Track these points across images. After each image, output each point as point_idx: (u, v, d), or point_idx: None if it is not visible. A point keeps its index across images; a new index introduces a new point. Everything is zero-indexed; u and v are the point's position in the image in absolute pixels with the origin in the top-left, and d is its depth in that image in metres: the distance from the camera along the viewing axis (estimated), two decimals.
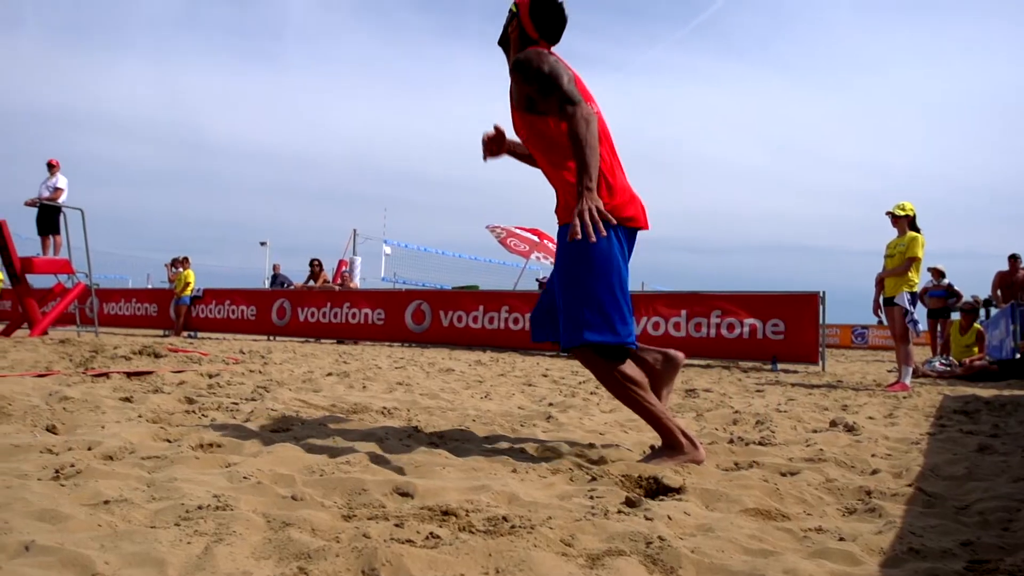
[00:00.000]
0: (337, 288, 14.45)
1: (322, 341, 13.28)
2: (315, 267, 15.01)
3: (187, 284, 15.06)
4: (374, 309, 13.01)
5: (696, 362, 10.02)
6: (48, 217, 11.47)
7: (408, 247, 20.41)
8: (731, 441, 2.88)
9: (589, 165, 2.19)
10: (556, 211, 2.64)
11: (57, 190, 11.46)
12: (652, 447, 2.62)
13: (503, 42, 2.71)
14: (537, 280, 17.14)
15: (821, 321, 9.63)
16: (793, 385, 6.62)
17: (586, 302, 2.38)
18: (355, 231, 18.83)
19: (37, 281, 11.82)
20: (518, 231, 14.32)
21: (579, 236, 2.07)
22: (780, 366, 9.51)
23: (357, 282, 16.63)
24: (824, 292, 9.67)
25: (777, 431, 3.26)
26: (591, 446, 2.66)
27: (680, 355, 2.68)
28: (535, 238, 14.27)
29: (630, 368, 2.43)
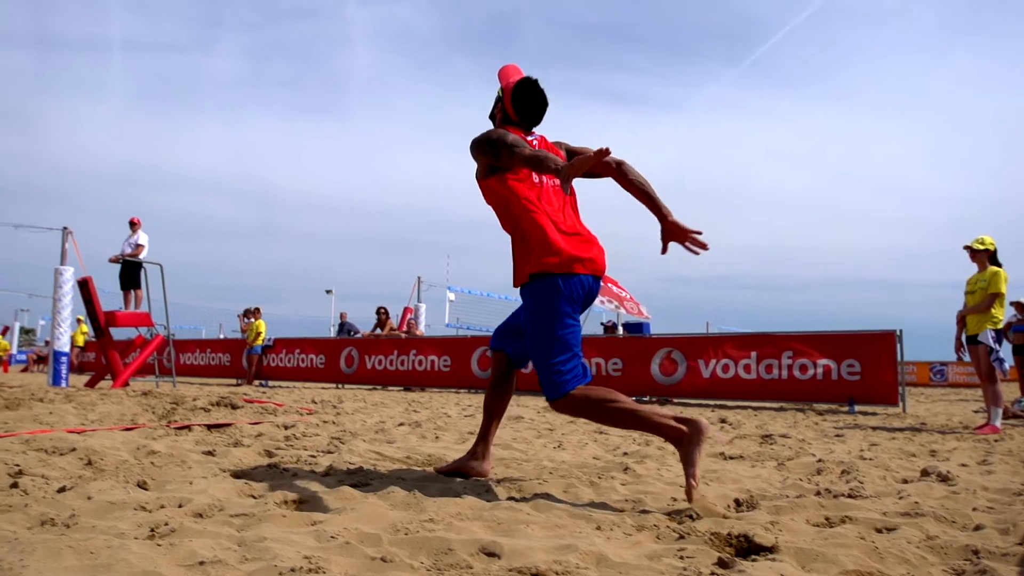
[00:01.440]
0: (403, 336, 14.62)
1: (389, 388, 13.41)
2: (381, 315, 15.24)
3: (259, 334, 15.46)
4: (440, 356, 13.10)
5: (769, 405, 9.76)
6: (130, 272, 11.97)
7: (471, 293, 20.56)
8: (818, 493, 2.78)
9: (548, 159, 2.56)
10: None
11: (138, 247, 11.97)
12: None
13: (492, 118, 3.08)
14: (602, 324, 17.03)
15: (899, 359, 9.30)
16: (874, 428, 6.37)
17: (553, 361, 2.70)
18: (419, 278, 19.10)
19: (119, 333, 12.32)
20: None
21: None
22: (857, 408, 9.19)
23: (422, 329, 16.80)
24: (901, 330, 9.36)
25: (866, 481, 3.13)
26: (674, 500, 2.60)
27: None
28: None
29: (602, 391, 2.75)
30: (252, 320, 15.66)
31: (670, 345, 10.94)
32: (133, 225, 12.30)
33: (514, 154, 2.71)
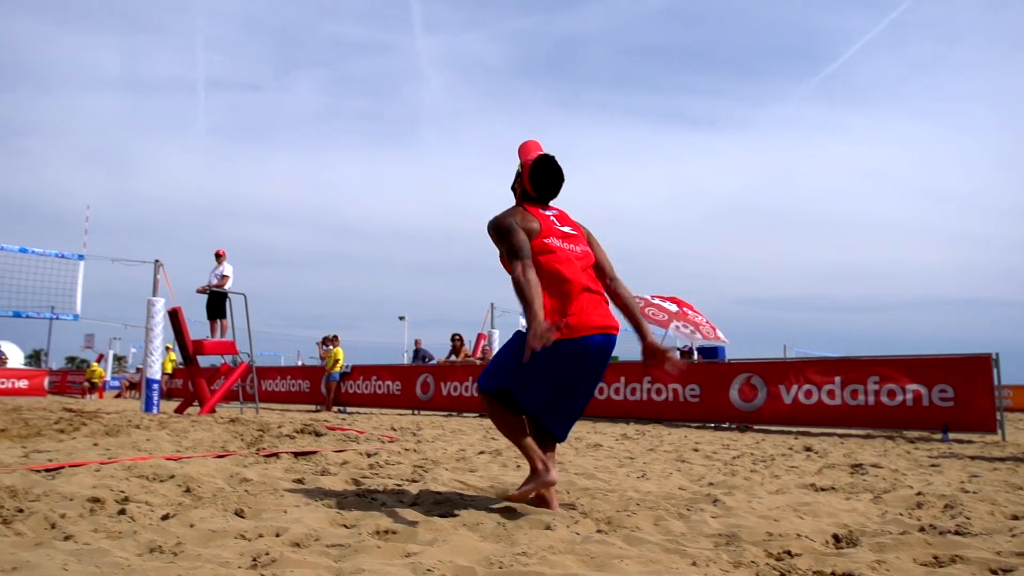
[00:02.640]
0: (478, 362, 14.70)
1: (465, 415, 13.48)
2: (456, 342, 15.38)
3: (337, 361, 15.79)
4: None
5: (855, 432, 9.41)
6: (216, 302, 12.44)
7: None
8: (922, 529, 2.67)
9: (530, 304, 2.78)
10: None
11: (224, 277, 12.43)
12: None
13: (513, 190, 3.36)
14: (678, 349, 16.78)
15: (996, 383, 8.85)
16: (972, 458, 6.07)
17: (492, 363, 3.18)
18: (492, 305, 19.20)
19: (205, 361, 12.78)
20: (656, 300, 14.13)
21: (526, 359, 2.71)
22: (952, 435, 8.77)
23: None
24: (997, 354, 8.92)
25: (973, 517, 2.98)
26: (769, 535, 2.53)
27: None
28: (674, 307, 14.02)
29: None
30: (330, 348, 16.01)
31: (749, 370, 10.69)
32: (218, 257, 12.80)
33: (509, 256, 3.00)
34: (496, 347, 17.83)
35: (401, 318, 31.89)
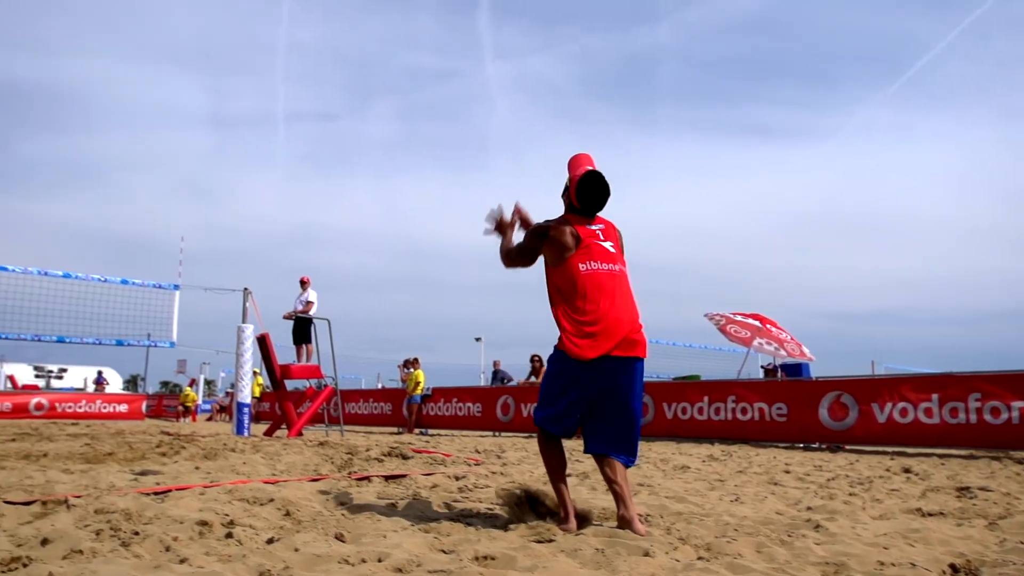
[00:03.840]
0: None
1: None
2: (535, 363, 15.36)
3: (418, 383, 15.99)
4: None
5: (956, 452, 8.96)
6: (301, 328, 12.79)
7: None
8: None
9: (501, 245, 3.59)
10: None
11: (308, 303, 12.79)
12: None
13: (562, 197, 3.49)
14: (762, 367, 16.37)
15: None
16: None
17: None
18: None
19: (291, 384, 13.14)
20: (738, 317, 13.84)
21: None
22: None
23: None
24: None
25: None
26: (881, 565, 2.44)
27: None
28: (757, 323, 13.70)
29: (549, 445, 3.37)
30: (411, 370, 16.25)
31: (839, 388, 10.33)
32: (303, 284, 13.17)
33: (521, 248, 3.48)
34: None
35: (477, 339, 32.04)
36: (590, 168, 3.34)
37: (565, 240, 3.24)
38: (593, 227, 3.31)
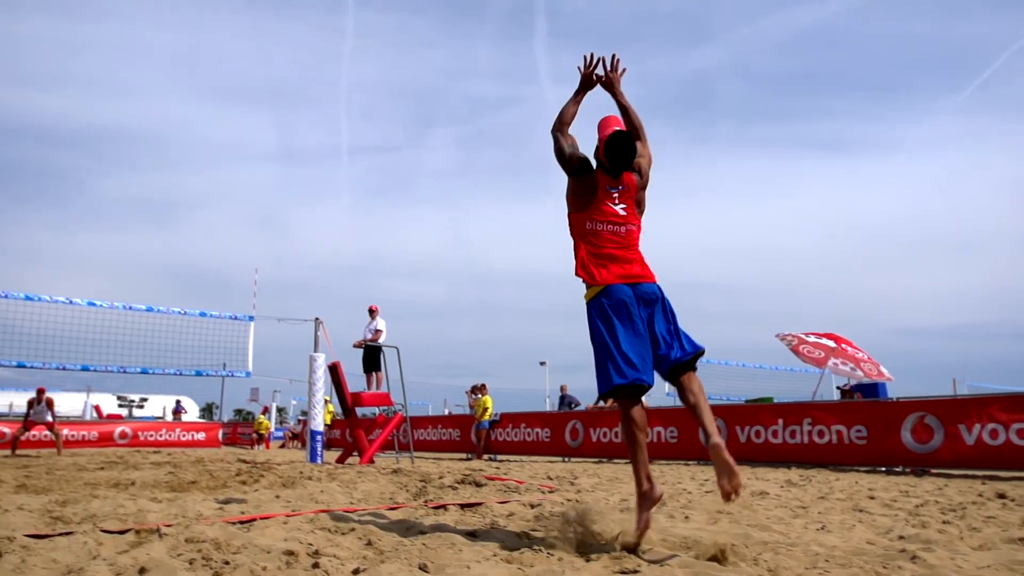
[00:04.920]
0: None
1: (615, 461, 13.29)
2: None
3: (486, 409, 16.04)
4: (666, 427, 12.83)
5: None
6: (371, 356, 13.00)
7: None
8: None
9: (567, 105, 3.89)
10: None
11: (378, 332, 13.00)
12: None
13: (595, 157, 3.73)
14: (839, 388, 15.89)
15: None
16: None
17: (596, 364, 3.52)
18: None
19: (361, 411, 13.34)
20: (811, 338, 13.47)
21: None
22: None
23: (646, 400, 16.57)
24: None
25: None
26: None
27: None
28: (831, 343, 13.32)
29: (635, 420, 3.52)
30: (479, 396, 16.31)
31: (922, 409, 9.94)
32: (372, 312, 13.41)
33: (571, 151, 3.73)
34: None
35: (542, 363, 31.98)
36: (617, 128, 3.65)
37: (586, 192, 3.65)
38: (612, 189, 3.66)
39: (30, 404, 14.93)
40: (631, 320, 3.46)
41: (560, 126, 3.82)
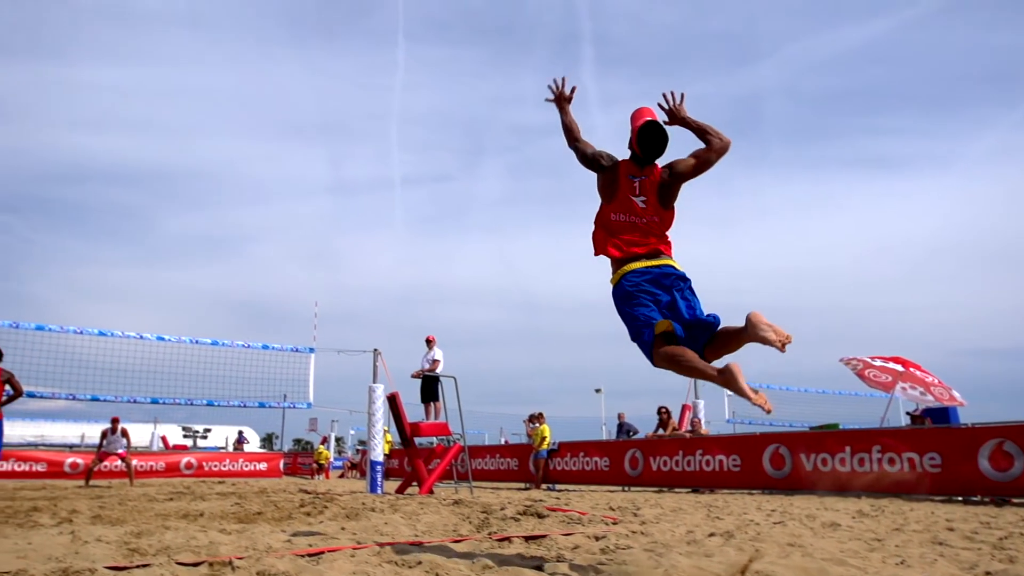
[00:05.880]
0: (687, 435, 14.28)
1: (676, 490, 13.07)
2: (663, 415, 15.07)
3: (544, 438, 15.96)
4: (729, 455, 12.56)
5: None
6: (429, 386, 13.09)
7: (751, 384, 19.63)
8: None
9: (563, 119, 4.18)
10: None
11: (435, 362, 13.09)
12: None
13: (629, 147, 3.93)
14: (908, 413, 15.37)
15: None
16: None
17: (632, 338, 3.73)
18: None
19: (419, 441, 13.40)
20: (877, 362, 13.08)
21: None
22: None
23: (707, 428, 16.30)
24: None
25: None
26: None
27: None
28: (898, 367, 12.90)
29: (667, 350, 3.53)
30: (537, 425, 16.24)
31: (1000, 435, 9.53)
32: (429, 343, 13.52)
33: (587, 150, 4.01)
34: (703, 417, 17.32)
35: (597, 390, 31.76)
36: (649, 119, 3.84)
37: (610, 184, 3.87)
38: (635, 180, 3.84)
39: (104, 435, 15.36)
40: (652, 294, 3.70)
41: (572, 138, 4.07)
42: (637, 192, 3.84)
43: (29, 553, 4.12)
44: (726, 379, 3.30)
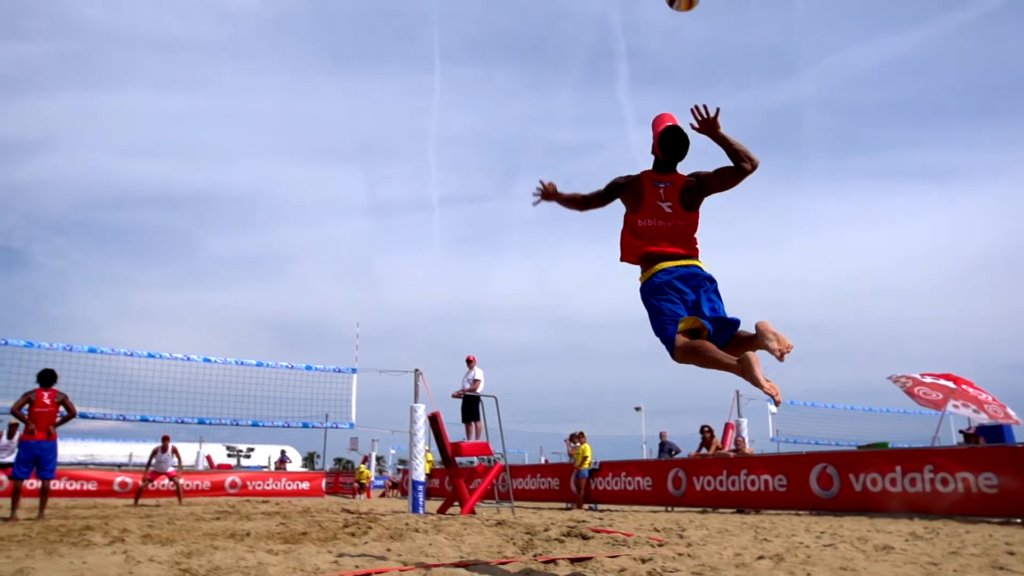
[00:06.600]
0: (731, 455, 14.07)
1: (720, 511, 12.87)
2: (706, 434, 14.89)
3: (585, 458, 15.85)
4: (774, 475, 12.34)
5: None
6: (470, 406, 13.11)
7: (795, 403, 19.36)
8: None
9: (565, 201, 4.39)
10: None
11: (476, 382, 13.11)
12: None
13: (652, 153, 4.11)
14: (961, 432, 14.96)
15: None
16: None
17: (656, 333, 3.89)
18: (738, 392, 18.47)
19: (460, 460, 13.41)
20: (927, 379, 12.77)
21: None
22: None
23: (751, 447, 16.05)
24: None
25: None
26: None
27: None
28: (949, 384, 12.58)
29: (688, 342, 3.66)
30: (578, 444, 16.15)
31: None
32: (469, 363, 13.55)
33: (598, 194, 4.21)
34: (746, 435, 17.08)
35: (637, 409, 31.43)
36: (670, 124, 4.00)
37: (632, 197, 4.03)
38: (660, 185, 3.99)
39: (154, 453, 15.57)
40: (679, 291, 3.86)
41: (582, 203, 4.27)
42: (663, 197, 3.98)
43: (85, 573, 4.21)
44: (743, 367, 3.37)
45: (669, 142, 3.98)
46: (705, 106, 3.93)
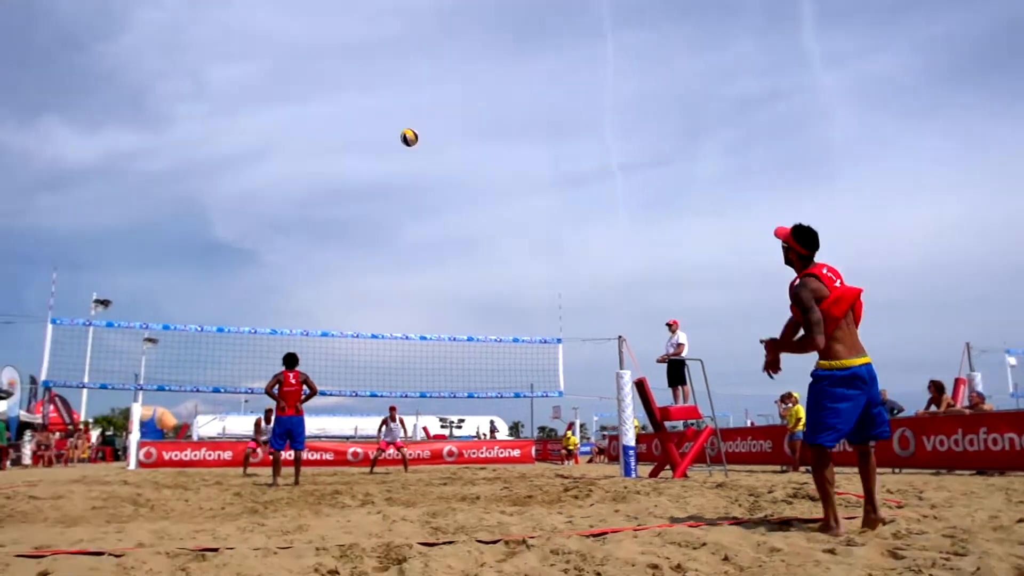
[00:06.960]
0: (967, 411, 12.96)
1: (956, 472, 11.91)
2: (934, 390, 13.79)
3: (799, 419, 15.23)
4: (1021, 434, 11.21)
5: None
6: (675, 370, 13.02)
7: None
8: None
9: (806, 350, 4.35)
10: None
11: (679, 346, 12.99)
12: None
13: (788, 262, 4.49)
14: None
15: None
16: None
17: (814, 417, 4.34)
18: (968, 344, 16.94)
19: (670, 425, 13.38)
20: None
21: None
22: None
23: (989, 403, 14.68)
24: None
25: None
26: None
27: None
28: None
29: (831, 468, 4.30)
30: (790, 405, 15.55)
31: None
32: (671, 327, 13.43)
33: (808, 325, 4.22)
34: (981, 390, 15.66)
35: None
36: (796, 224, 4.43)
37: (825, 295, 4.24)
38: (828, 274, 4.31)
39: (384, 422, 16.89)
40: (853, 395, 4.20)
41: (812, 330, 4.24)
42: (836, 278, 4.37)
43: (352, 529, 4.73)
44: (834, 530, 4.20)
45: (806, 236, 4.39)
46: (772, 369, 4.59)
